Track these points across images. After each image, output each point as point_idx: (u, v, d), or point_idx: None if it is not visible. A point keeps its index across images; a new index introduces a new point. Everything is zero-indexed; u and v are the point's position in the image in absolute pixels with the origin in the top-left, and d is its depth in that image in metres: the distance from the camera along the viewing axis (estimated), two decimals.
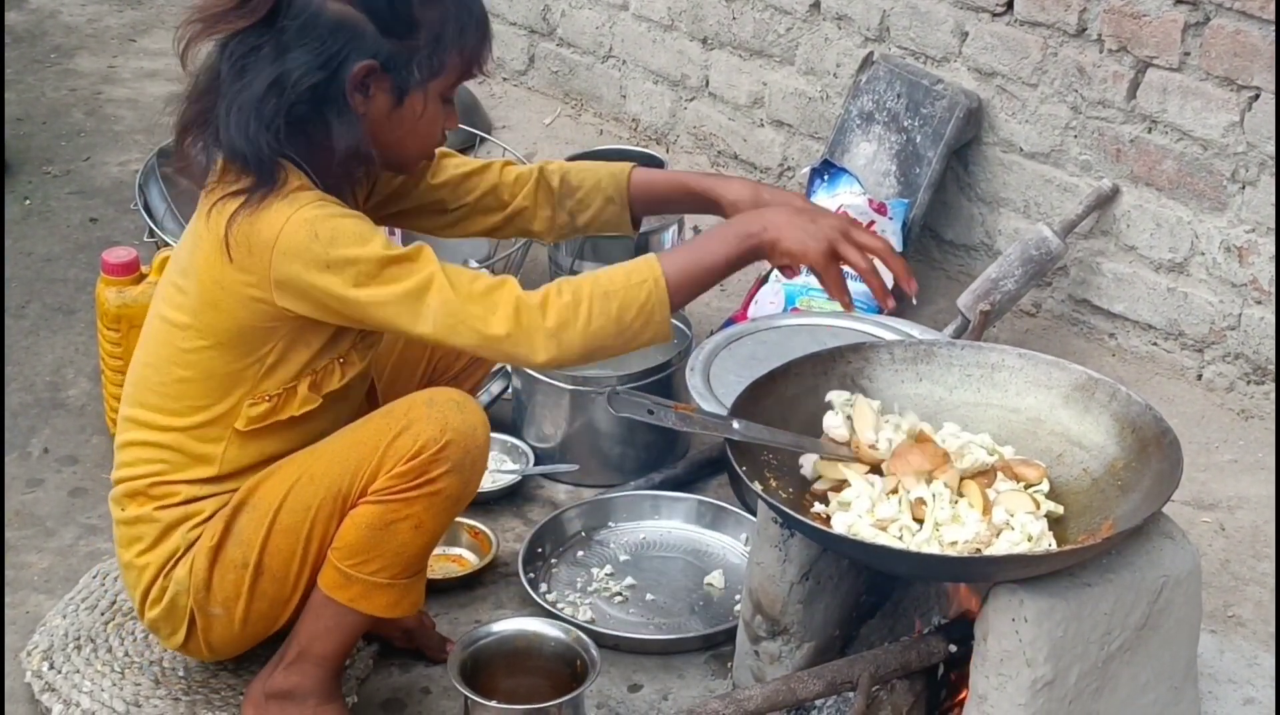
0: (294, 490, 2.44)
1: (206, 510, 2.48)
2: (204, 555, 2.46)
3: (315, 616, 2.49)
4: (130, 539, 2.52)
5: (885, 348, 2.65)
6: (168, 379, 2.46)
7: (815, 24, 4.14)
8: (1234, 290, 3.50)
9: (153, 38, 5.30)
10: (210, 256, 2.37)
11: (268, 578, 2.47)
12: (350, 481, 2.42)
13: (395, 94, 2.35)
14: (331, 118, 2.32)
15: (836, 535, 2.34)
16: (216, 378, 2.43)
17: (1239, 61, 3.38)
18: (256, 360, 2.41)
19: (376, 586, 2.45)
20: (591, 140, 4.58)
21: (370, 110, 2.35)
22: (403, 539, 2.43)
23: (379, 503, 2.42)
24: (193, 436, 2.47)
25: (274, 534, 2.45)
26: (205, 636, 2.52)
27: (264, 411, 2.44)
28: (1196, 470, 3.31)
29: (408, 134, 2.40)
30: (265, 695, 2.56)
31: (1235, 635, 2.91)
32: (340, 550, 2.44)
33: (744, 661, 2.68)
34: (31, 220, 4.22)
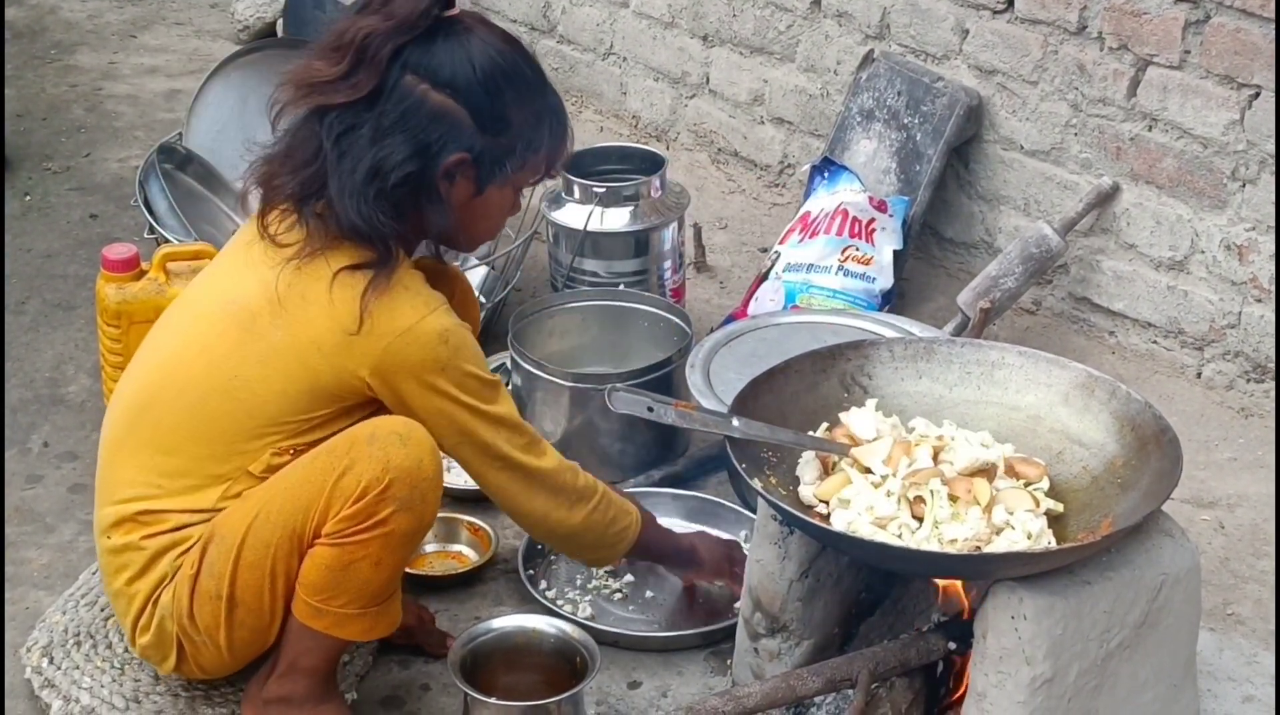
0: (253, 527, 2.42)
1: (194, 535, 2.46)
2: (185, 583, 2.45)
3: (297, 638, 2.49)
4: (117, 567, 2.50)
5: (885, 345, 2.65)
6: (200, 406, 2.44)
7: (816, 21, 4.14)
8: (1234, 288, 3.50)
9: (153, 34, 5.31)
10: (316, 318, 2.39)
11: (243, 609, 2.46)
12: (303, 521, 2.41)
13: (478, 184, 2.44)
14: (424, 202, 2.41)
15: (836, 532, 2.34)
16: (258, 419, 2.43)
17: (1239, 60, 3.38)
18: (307, 416, 2.43)
19: (348, 617, 2.45)
20: (592, 137, 4.58)
21: (451, 196, 2.43)
22: (364, 576, 2.42)
23: (334, 545, 2.40)
24: (204, 469, 2.45)
25: (240, 568, 2.43)
26: (196, 661, 2.52)
27: (285, 462, 2.44)
28: (1196, 468, 3.31)
29: (479, 219, 2.50)
30: (265, 701, 2.56)
31: (1234, 633, 2.91)
32: (306, 586, 2.44)
33: (743, 659, 2.68)
34: (32, 216, 4.22)
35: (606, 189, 3.60)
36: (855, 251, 3.70)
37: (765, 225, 4.22)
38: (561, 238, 3.64)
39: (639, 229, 3.60)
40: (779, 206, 4.29)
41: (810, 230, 3.77)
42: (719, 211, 4.29)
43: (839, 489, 2.42)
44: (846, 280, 3.68)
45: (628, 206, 3.60)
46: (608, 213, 3.59)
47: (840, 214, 3.75)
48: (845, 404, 2.58)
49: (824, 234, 3.73)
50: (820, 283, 3.68)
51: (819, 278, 3.68)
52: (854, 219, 3.73)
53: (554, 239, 3.67)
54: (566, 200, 3.64)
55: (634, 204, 3.61)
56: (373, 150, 2.36)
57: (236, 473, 2.45)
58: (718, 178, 4.44)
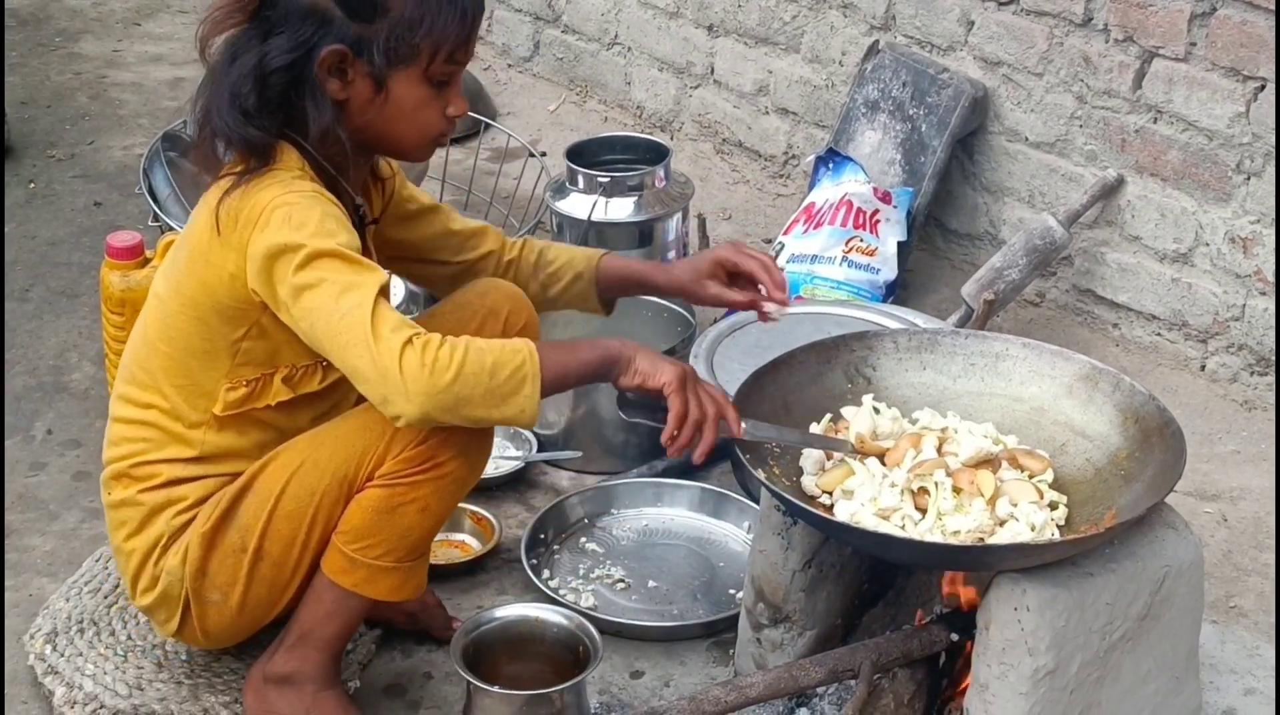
0: (297, 476, 2.45)
1: (190, 496, 2.48)
2: (199, 541, 2.46)
3: (317, 601, 2.50)
4: (117, 523, 2.53)
5: (889, 336, 2.65)
6: (153, 353, 2.48)
7: (821, 12, 4.14)
8: (1238, 281, 3.50)
9: (157, 22, 5.30)
10: (201, 231, 2.40)
11: (267, 563, 2.47)
12: (356, 466, 2.43)
13: (373, 79, 2.38)
14: (306, 101, 2.37)
15: (839, 523, 2.34)
16: (195, 354, 2.44)
17: (1245, 52, 3.37)
18: (233, 342, 2.42)
19: (381, 570, 2.46)
20: (596, 128, 4.58)
21: (353, 95, 2.39)
22: (408, 522, 2.44)
23: (385, 486, 2.43)
24: (172, 416, 2.47)
25: (275, 519, 2.45)
26: (201, 624, 2.52)
27: (240, 397, 2.45)
28: (1199, 461, 3.31)
29: (396, 119, 2.42)
30: (264, 679, 2.56)
31: (1237, 626, 2.91)
32: (346, 534, 2.45)
33: (746, 649, 2.68)
34: (36, 204, 4.22)
35: (611, 179, 3.60)
36: (859, 243, 3.70)
37: (769, 216, 4.22)
38: (565, 228, 3.64)
39: (643, 219, 3.60)
40: (783, 197, 4.29)
41: (814, 221, 3.77)
42: (723, 202, 4.29)
43: (842, 480, 2.42)
44: (850, 271, 3.68)
45: (632, 197, 3.60)
46: (612, 203, 3.59)
47: (844, 205, 3.74)
48: (849, 395, 2.58)
49: (828, 225, 3.73)
50: (824, 274, 3.68)
51: (823, 269, 3.68)
52: (858, 210, 3.73)
53: (558, 229, 3.67)
54: (570, 190, 3.64)
55: (638, 194, 3.61)
56: (254, 56, 2.35)
57: (204, 419, 2.47)
58: (722, 168, 4.44)
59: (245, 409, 2.46)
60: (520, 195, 4.02)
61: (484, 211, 4.01)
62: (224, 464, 2.49)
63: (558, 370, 2.34)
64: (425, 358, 2.23)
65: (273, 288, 2.31)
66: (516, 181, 4.02)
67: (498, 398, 2.28)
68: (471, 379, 2.25)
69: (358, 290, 2.26)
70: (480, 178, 4.15)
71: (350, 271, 2.27)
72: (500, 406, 2.29)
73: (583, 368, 2.38)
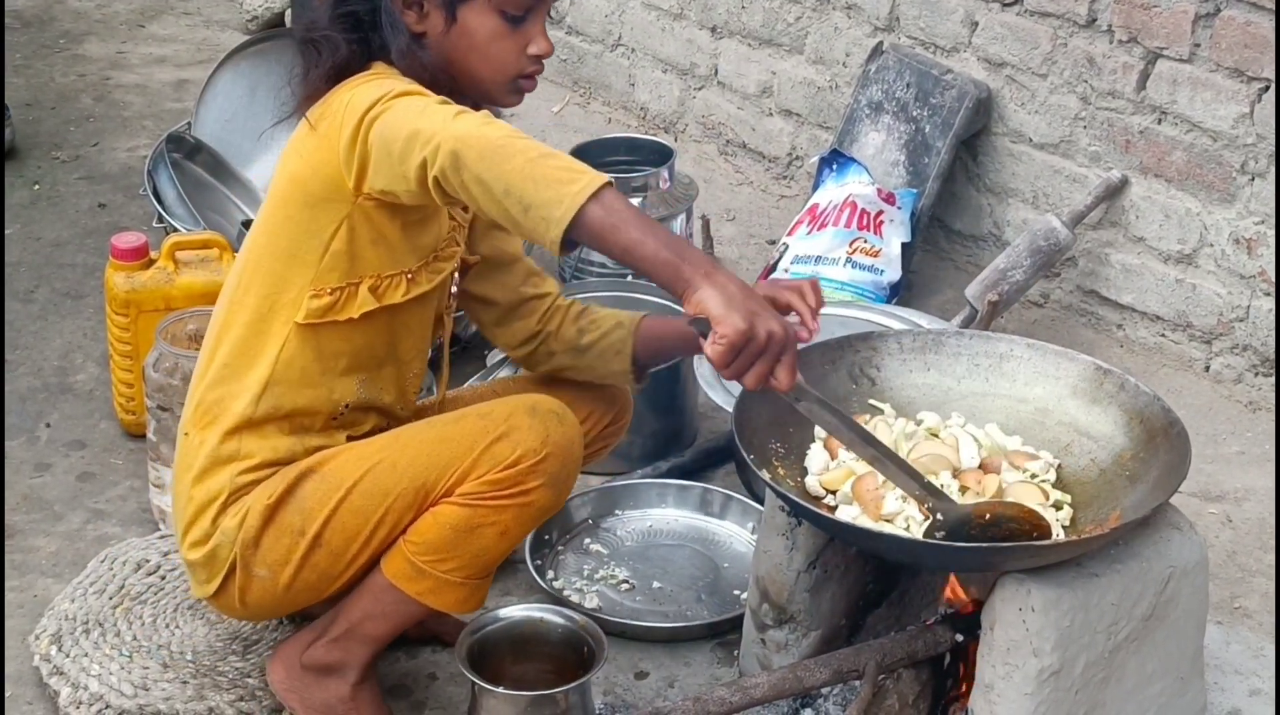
0: (372, 473, 2.42)
1: (256, 454, 2.44)
2: (259, 512, 2.43)
3: (374, 599, 2.48)
4: (185, 465, 2.49)
5: (893, 337, 2.65)
6: (245, 265, 2.46)
7: (825, 13, 4.14)
8: (1242, 282, 3.50)
9: (161, 24, 5.31)
10: (296, 133, 2.40)
11: (324, 552, 2.44)
12: (437, 477, 2.40)
13: (445, 9, 2.38)
14: (385, 29, 2.38)
15: (844, 523, 2.34)
16: (282, 257, 2.40)
17: (1249, 53, 3.37)
18: (322, 242, 2.38)
19: (449, 584, 2.44)
20: (600, 129, 4.58)
21: (429, 28, 2.39)
22: (485, 543, 2.42)
23: (467, 506, 2.39)
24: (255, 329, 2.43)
25: (341, 511, 2.42)
26: (241, 594, 2.48)
27: (324, 306, 2.41)
28: (1204, 461, 3.31)
29: (470, 52, 2.40)
30: (303, 665, 2.55)
31: (1242, 626, 2.91)
32: (417, 545, 2.42)
33: (750, 650, 2.68)
34: (40, 205, 4.23)
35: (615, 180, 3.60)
36: (863, 243, 3.70)
37: (773, 217, 4.22)
38: None
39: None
40: (787, 198, 4.29)
41: (818, 222, 3.77)
42: (727, 203, 4.29)
43: (846, 479, 2.42)
44: (854, 272, 3.68)
45: (636, 198, 3.61)
46: None
47: (848, 206, 3.75)
48: (853, 396, 2.58)
49: (832, 226, 3.73)
50: (828, 275, 3.68)
51: (827, 270, 3.69)
52: (862, 211, 3.73)
53: None
54: None
55: (642, 195, 3.61)
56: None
57: (285, 330, 2.42)
58: (726, 169, 4.44)
59: (328, 320, 2.41)
60: None
61: None
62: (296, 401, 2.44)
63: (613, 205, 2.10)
64: (485, 119, 2.16)
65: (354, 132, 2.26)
66: None
67: (539, 174, 2.09)
68: (522, 145, 2.11)
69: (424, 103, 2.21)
70: None
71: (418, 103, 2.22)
72: (536, 187, 2.08)
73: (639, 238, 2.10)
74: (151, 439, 3.03)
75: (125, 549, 2.94)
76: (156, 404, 2.99)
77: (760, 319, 2.07)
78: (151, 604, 2.81)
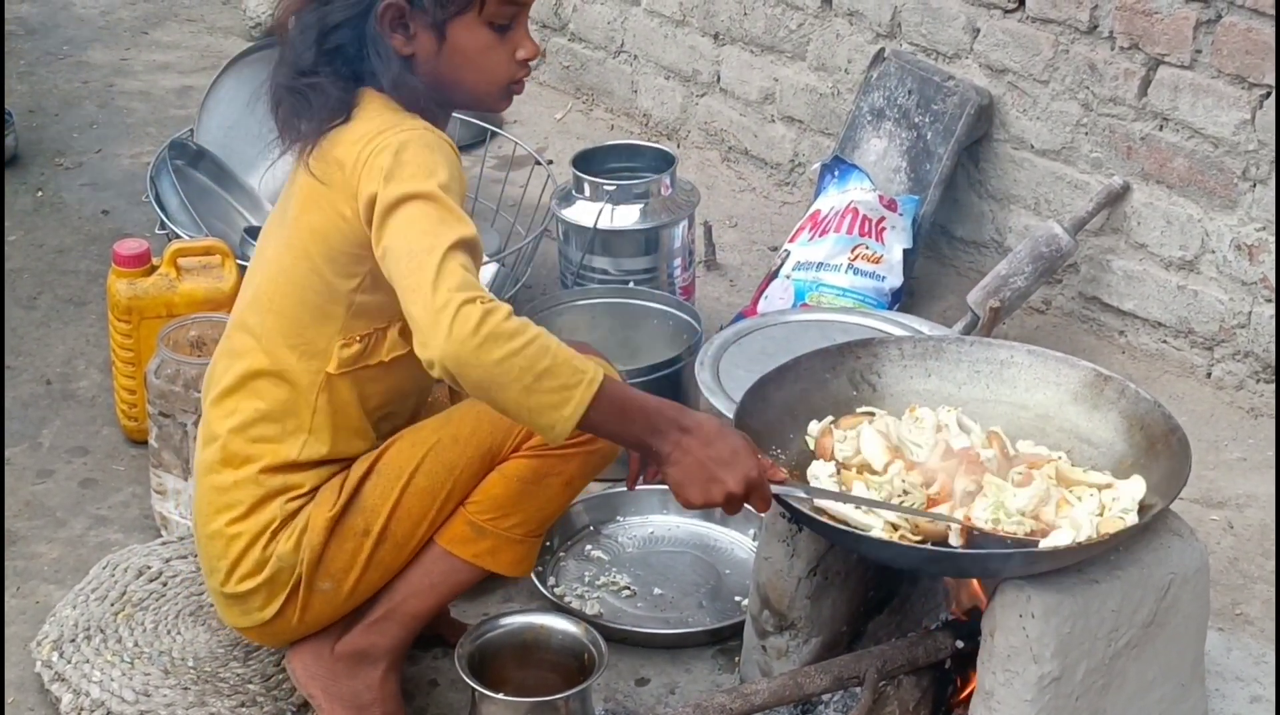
0: (434, 451, 2.45)
1: (306, 483, 2.47)
2: (322, 528, 2.44)
3: (423, 572, 2.50)
4: (223, 506, 2.48)
5: (894, 343, 2.65)
6: (264, 317, 2.46)
7: (827, 20, 4.14)
8: (1244, 288, 3.50)
9: (165, 30, 5.32)
10: (304, 184, 2.40)
11: (389, 544, 2.47)
12: (503, 439, 2.45)
13: (434, 30, 2.38)
14: (372, 57, 2.37)
15: (844, 530, 2.34)
16: (309, 309, 2.42)
17: (1251, 59, 3.38)
18: (347, 294, 2.40)
19: (509, 542, 2.48)
20: (602, 136, 4.59)
21: (418, 49, 2.39)
22: (550, 494, 2.47)
23: (536, 457, 2.44)
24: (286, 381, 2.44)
25: (407, 496, 2.45)
26: (301, 612, 2.50)
27: (355, 354, 2.43)
28: (1205, 468, 3.31)
29: (464, 67, 2.41)
30: (335, 654, 2.55)
31: (1243, 633, 2.91)
32: (479, 504, 2.46)
33: (751, 656, 2.68)
34: (43, 212, 4.23)
35: (617, 187, 3.60)
36: (865, 250, 3.71)
37: (775, 223, 4.22)
38: (571, 235, 3.65)
39: (649, 227, 3.61)
40: (789, 205, 4.29)
41: (820, 229, 3.78)
42: (729, 209, 4.29)
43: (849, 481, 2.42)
44: (856, 278, 3.68)
45: (638, 204, 3.61)
46: (618, 210, 3.59)
47: (850, 212, 3.75)
48: (854, 402, 2.58)
49: (834, 232, 3.74)
50: (830, 281, 3.68)
51: (829, 276, 3.69)
52: (864, 217, 3.74)
53: (564, 236, 3.68)
54: (577, 198, 3.64)
55: (644, 202, 3.61)
56: (315, 19, 2.37)
57: (319, 378, 2.44)
58: (728, 176, 4.44)
59: (359, 367, 2.44)
60: (527, 203, 4.02)
61: (491, 219, 4.01)
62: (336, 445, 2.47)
63: (608, 408, 2.22)
64: (484, 326, 2.14)
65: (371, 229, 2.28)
66: (523, 189, 4.03)
67: (533, 403, 2.18)
68: (517, 371, 2.16)
69: (436, 236, 2.20)
70: (487, 185, 4.15)
71: (435, 217, 2.23)
72: (532, 412, 2.19)
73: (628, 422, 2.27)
74: (153, 445, 3.03)
75: (127, 555, 2.94)
76: (158, 410, 2.99)
77: (716, 486, 2.27)
78: (153, 610, 2.81)
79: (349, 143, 2.34)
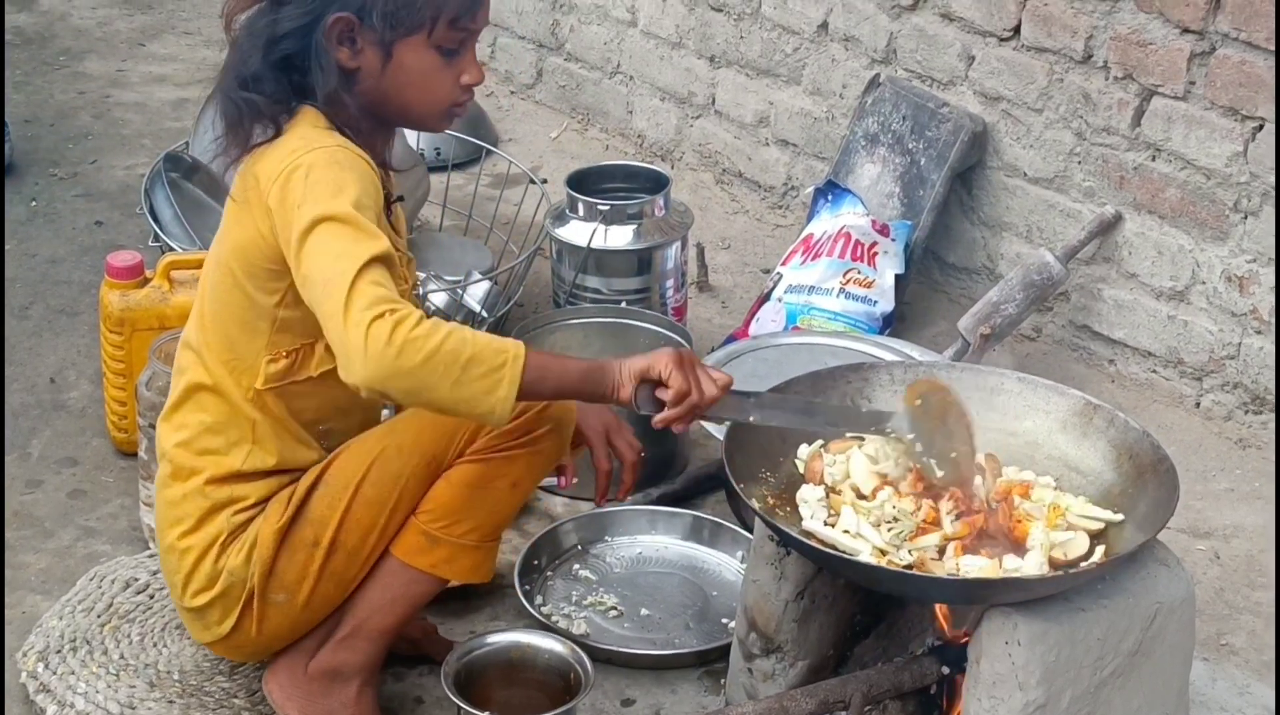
0: (379, 461, 2.45)
1: (252, 495, 2.47)
2: (270, 540, 2.45)
3: (383, 587, 2.50)
4: (173, 520, 2.50)
5: (885, 368, 2.66)
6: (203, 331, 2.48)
7: (823, 45, 4.16)
8: (1234, 319, 3.51)
9: (162, 42, 5.32)
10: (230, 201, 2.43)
11: (340, 555, 2.47)
12: (446, 445, 2.46)
13: (381, 48, 2.38)
14: (313, 67, 2.37)
15: (831, 554, 2.35)
16: (236, 324, 2.43)
17: (1244, 92, 3.39)
18: (270, 309, 2.41)
19: (464, 549, 2.48)
20: (597, 155, 4.59)
21: (363, 64, 2.39)
22: (498, 497, 2.48)
23: (480, 461, 2.46)
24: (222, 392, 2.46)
25: (355, 507, 2.45)
26: (259, 625, 2.50)
27: (282, 369, 2.44)
28: (1193, 498, 3.31)
29: (407, 87, 2.42)
30: (309, 674, 2.56)
31: (1228, 664, 2.91)
32: (430, 512, 2.46)
33: (737, 679, 2.68)
34: (37, 222, 4.23)
35: (611, 207, 3.61)
36: (857, 274, 3.71)
37: (768, 246, 4.23)
38: (565, 254, 3.65)
39: (642, 247, 3.61)
40: (782, 228, 4.30)
41: (812, 252, 3.78)
42: (722, 231, 4.30)
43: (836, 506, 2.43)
44: (848, 303, 3.69)
45: (631, 224, 3.61)
46: (611, 230, 3.60)
47: (843, 237, 3.76)
48: None
49: (826, 256, 3.74)
50: (821, 305, 3.69)
51: (820, 299, 3.69)
52: (856, 242, 3.74)
53: (557, 255, 3.69)
54: (571, 217, 3.65)
55: (638, 222, 3.62)
56: (264, 27, 2.38)
57: (249, 392, 2.45)
58: (722, 198, 4.45)
59: (287, 382, 2.44)
60: (520, 221, 4.03)
61: (484, 237, 4.02)
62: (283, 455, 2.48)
63: (538, 375, 2.26)
64: (396, 336, 2.16)
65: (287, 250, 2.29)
66: (517, 208, 4.03)
67: (467, 394, 2.21)
68: (441, 368, 2.18)
69: (346, 259, 2.21)
70: (481, 203, 4.16)
71: (347, 238, 2.23)
72: (469, 402, 2.21)
73: (564, 377, 2.31)
74: (143, 457, 3.03)
75: (114, 567, 2.94)
76: (149, 422, 2.99)
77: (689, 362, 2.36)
78: (139, 623, 2.81)
79: (268, 160, 2.35)
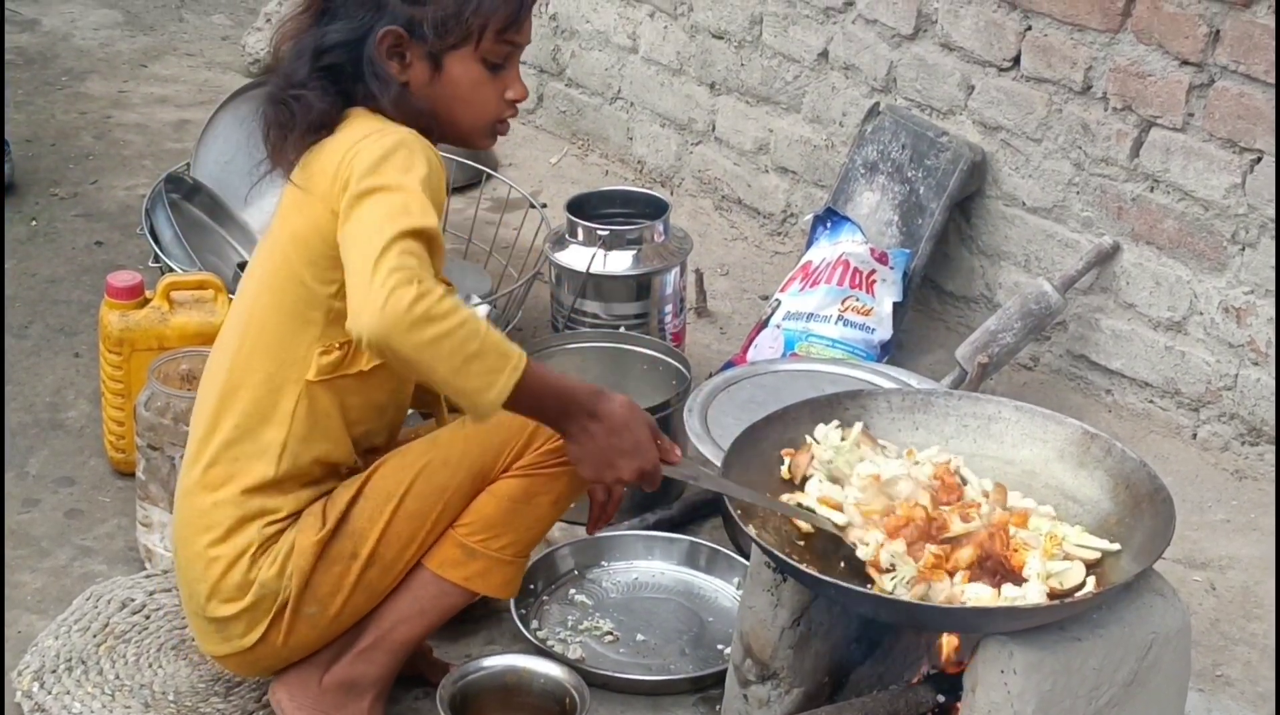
0: (424, 474, 2.48)
1: (284, 508, 2.48)
2: (309, 551, 2.46)
3: (411, 598, 2.52)
4: (203, 527, 2.49)
5: (883, 396, 2.66)
6: (247, 333, 2.48)
7: (823, 73, 4.17)
8: (1231, 351, 3.52)
9: (164, 64, 5.33)
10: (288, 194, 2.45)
11: (376, 568, 2.49)
12: (494, 459, 2.49)
13: (430, 60, 2.43)
14: (370, 80, 2.42)
15: (829, 581, 2.35)
16: (289, 317, 2.44)
17: (1242, 124, 3.40)
18: (326, 299, 2.42)
19: (500, 563, 2.51)
20: (597, 181, 4.60)
21: (412, 78, 2.44)
22: (539, 513, 2.51)
23: (525, 476, 2.49)
24: (269, 387, 2.46)
25: (397, 519, 2.47)
26: (286, 637, 2.50)
27: (334, 361, 2.45)
28: (1189, 529, 3.31)
29: (455, 100, 2.46)
30: (324, 687, 2.56)
31: (1223, 695, 2.91)
32: (470, 525, 2.49)
33: (732, 705, 2.68)
34: (37, 241, 4.24)
35: (610, 232, 3.62)
36: (855, 302, 3.72)
37: (766, 273, 4.24)
38: (564, 279, 3.66)
39: (641, 273, 3.62)
40: (781, 255, 4.31)
41: (811, 279, 3.79)
42: (721, 258, 4.31)
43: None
44: (846, 330, 3.69)
45: (630, 250, 3.62)
46: (610, 255, 3.61)
47: (841, 264, 3.76)
48: None
49: (825, 284, 3.75)
50: (820, 332, 3.69)
51: (818, 327, 3.70)
52: (855, 270, 3.75)
53: (556, 280, 3.69)
54: (570, 242, 3.66)
55: (637, 248, 3.63)
56: (312, 41, 2.42)
57: (298, 389, 2.46)
58: (721, 224, 4.46)
59: (339, 375, 2.46)
60: (520, 246, 4.04)
61: (483, 261, 4.03)
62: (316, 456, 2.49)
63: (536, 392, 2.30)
64: (417, 307, 2.18)
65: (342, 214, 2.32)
66: (516, 232, 4.04)
67: (460, 385, 2.23)
68: (446, 353, 2.20)
69: (391, 223, 2.24)
70: (480, 227, 4.17)
71: (399, 206, 2.26)
72: (458, 391, 2.25)
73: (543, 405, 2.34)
74: (141, 477, 3.03)
75: (111, 587, 2.93)
76: (147, 443, 2.99)
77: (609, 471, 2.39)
78: (135, 643, 2.81)
79: (332, 151, 2.38)
